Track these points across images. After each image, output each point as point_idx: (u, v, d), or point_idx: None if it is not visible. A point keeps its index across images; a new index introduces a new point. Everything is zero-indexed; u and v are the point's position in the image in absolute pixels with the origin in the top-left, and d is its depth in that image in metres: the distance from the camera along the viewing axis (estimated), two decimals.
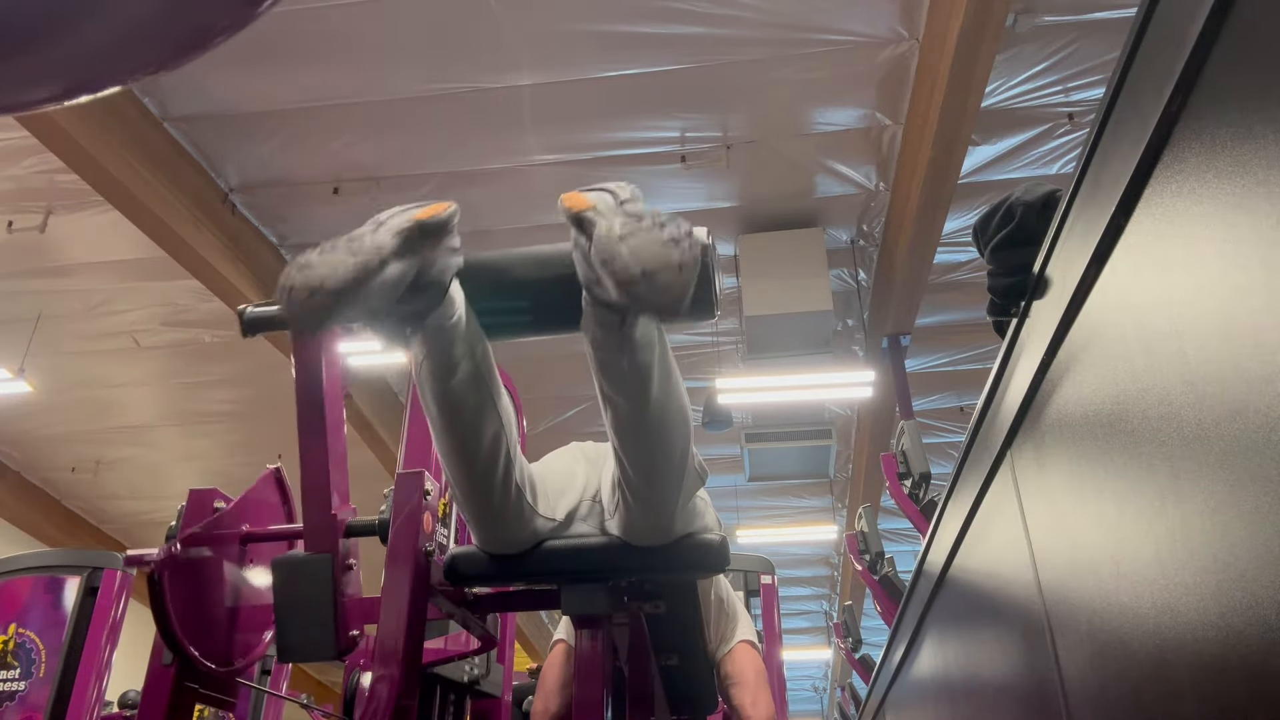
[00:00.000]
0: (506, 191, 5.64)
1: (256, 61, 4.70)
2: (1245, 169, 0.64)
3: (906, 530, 8.23)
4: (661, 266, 1.13)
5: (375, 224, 1.25)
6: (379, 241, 1.20)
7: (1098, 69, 4.85)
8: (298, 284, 1.13)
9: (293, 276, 1.14)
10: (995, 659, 1.51)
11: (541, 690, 2.10)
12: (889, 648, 3.10)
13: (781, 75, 4.91)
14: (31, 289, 6.36)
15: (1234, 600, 0.68)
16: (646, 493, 1.43)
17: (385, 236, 1.22)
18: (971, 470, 1.53)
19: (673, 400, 1.36)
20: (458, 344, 1.35)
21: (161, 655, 1.50)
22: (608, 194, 1.32)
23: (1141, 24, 0.81)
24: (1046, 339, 1.08)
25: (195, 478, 7.34)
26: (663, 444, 1.38)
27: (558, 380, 6.76)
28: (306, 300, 1.12)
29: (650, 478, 1.41)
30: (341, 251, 1.17)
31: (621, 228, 1.18)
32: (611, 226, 1.19)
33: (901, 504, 5.08)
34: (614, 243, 1.16)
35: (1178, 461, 0.77)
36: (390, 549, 1.55)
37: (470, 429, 1.39)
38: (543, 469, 1.68)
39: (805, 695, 15.84)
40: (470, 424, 1.39)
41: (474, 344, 1.38)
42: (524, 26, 4.59)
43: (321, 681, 12.10)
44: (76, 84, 0.68)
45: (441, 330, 1.33)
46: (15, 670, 3.56)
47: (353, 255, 1.17)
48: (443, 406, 1.38)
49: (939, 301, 6.53)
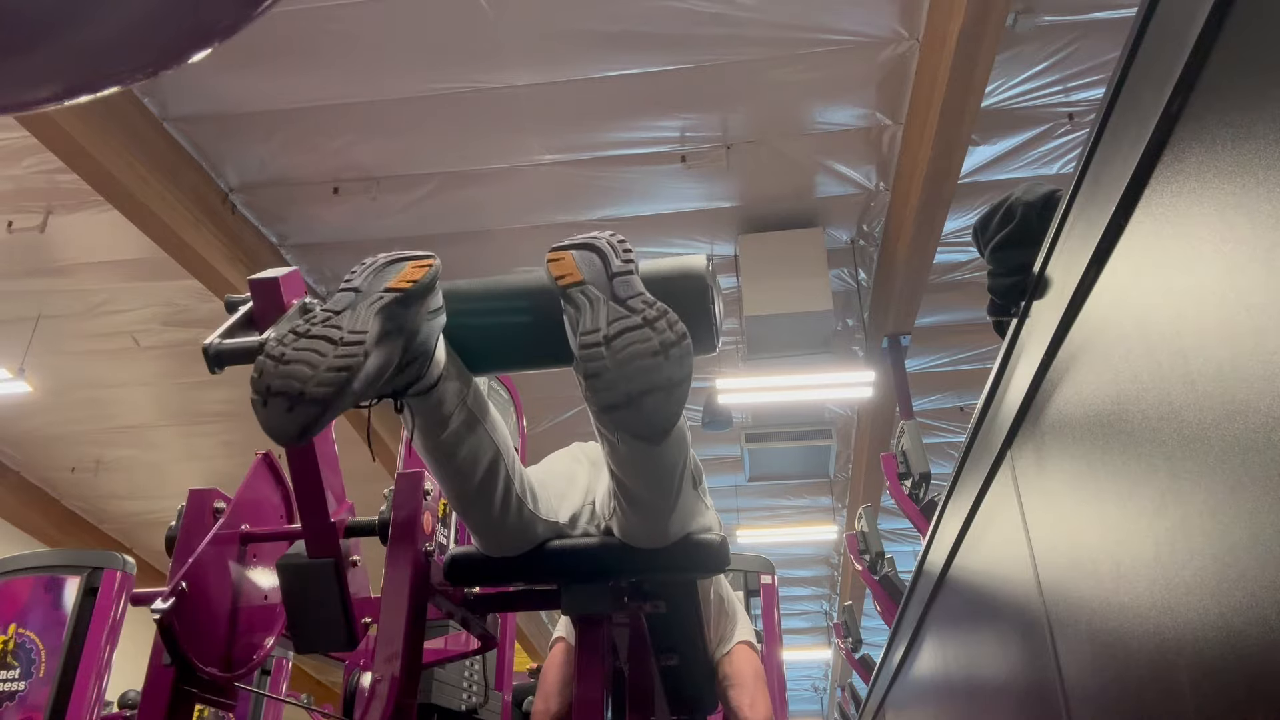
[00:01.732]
0: (506, 191, 5.64)
1: (257, 61, 4.69)
2: (1245, 169, 0.64)
3: (906, 530, 8.23)
4: (649, 388, 1.07)
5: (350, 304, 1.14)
6: (359, 328, 1.10)
7: (1098, 69, 4.85)
8: (276, 389, 1.03)
9: (270, 378, 1.04)
10: (995, 659, 1.51)
11: (542, 690, 2.10)
12: (889, 648, 3.10)
13: (781, 75, 4.91)
14: (31, 289, 6.36)
15: (1234, 600, 0.68)
16: (643, 506, 1.42)
17: (366, 318, 1.11)
18: (971, 470, 1.53)
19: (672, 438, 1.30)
20: (446, 402, 1.29)
21: (161, 655, 1.50)
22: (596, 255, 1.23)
23: (1141, 24, 0.81)
24: (1046, 339, 1.08)
25: (195, 478, 7.32)
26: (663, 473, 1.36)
27: (558, 380, 6.73)
28: (287, 414, 1.02)
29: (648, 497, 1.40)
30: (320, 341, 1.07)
31: (608, 325, 1.12)
32: (598, 323, 1.12)
33: (901, 504, 5.08)
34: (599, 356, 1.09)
35: (1178, 461, 0.77)
36: (390, 549, 1.55)
37: (466, 465, 1.36)
38: (544, 471, 1.68)
39: (805, 695, 15.84)
40: (466, 461, 1.36)
41: (463, 393, 1.33)
42: (524, 26, 4.58)
43: (321, 681, 12.10)
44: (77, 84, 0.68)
45: (428, 397, 1.27)
46: (15, 670, 3.56)
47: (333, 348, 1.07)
48: (436, 456, 1.35)
49: (939, 301, 6.53)
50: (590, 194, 5.71)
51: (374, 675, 1.46)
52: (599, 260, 1.22)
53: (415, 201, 5.72)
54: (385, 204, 5.71)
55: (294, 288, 1.40)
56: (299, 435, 1.04)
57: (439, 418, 1.30)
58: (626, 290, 1.17)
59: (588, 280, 1.19)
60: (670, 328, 1.12)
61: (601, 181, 5.61)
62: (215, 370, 1.29)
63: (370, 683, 1.49)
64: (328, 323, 1.10)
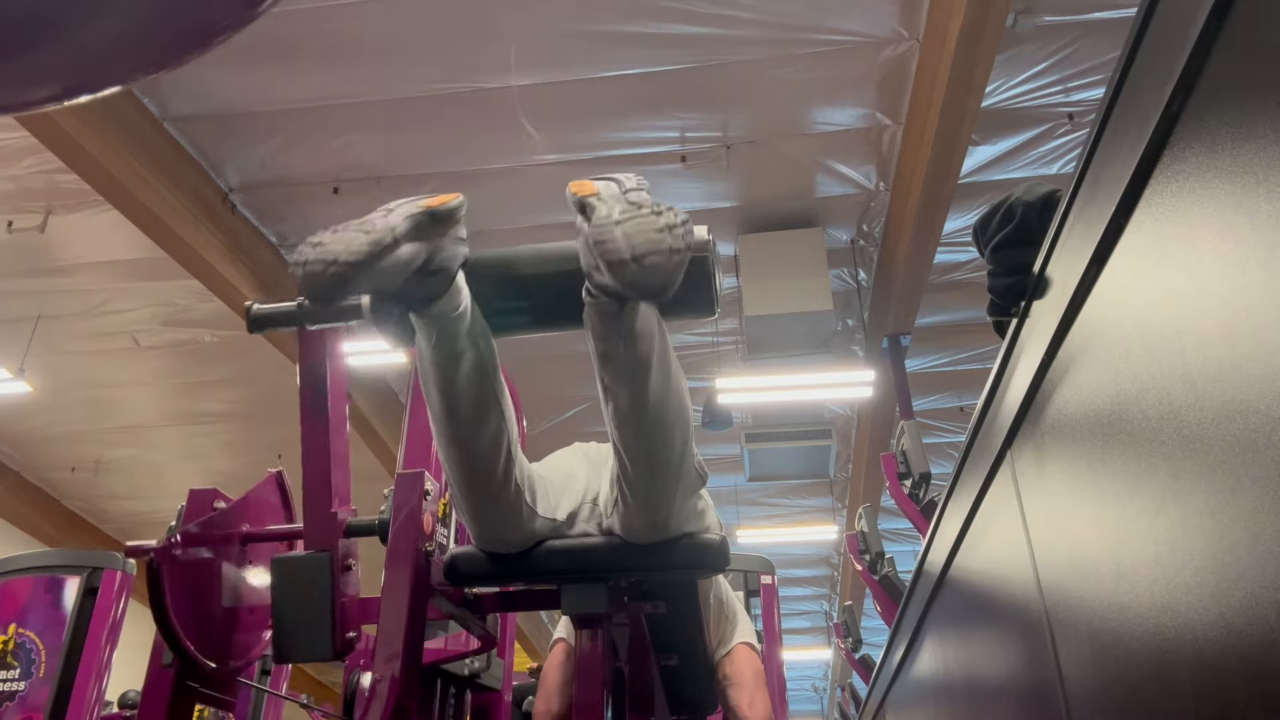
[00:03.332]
0: (506, 191, 5.64)
1: (256, 61, 4.69)
2: (1245, 169, 0.64)
3: (906, 530, 8.23)
4: (652, 250, 1.17)
5: (385, 210, 1.29)
6: (391, 223, 1.25)
7: (1098, 69, 4.85)
8: (313, 258, 1.17)
9: (307, 253, 1.18)
10: (995, 659, 1.51)
11: (542, 690, 2.10)
12: (889, 648, 3.10)
13: (781, 75, 4.91)
14: (31, 289, 6.36)
15: (1234, 600, 0.68)
16: (644, 488, 1.43)
17: (397, 219, 1.26)
18: (971, 470, 1.53)
19: (672, 394, 1.37)
20: (462, 336, 1.37)
21: (161, 655, 1.50)
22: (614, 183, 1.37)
23: (1141, 24, 0.81)
24: (1046, 339, 1.08)
25: (195, 478, 7.34)
26: (661, 437, 1.39)
27: (558, 380, 6.76)
28: (323, 272, 1.16)
29: (648, 472, 1.41)
30: (354, 230, 1.22)
31: (620, 213, 1.23)
32: (610, 211, 1.24)
33: (901, 504, 5.08)
34: (609, 226, 1.21)
35: (1178, 461, 0.77)
36: (390, 549, 1.55)
37: (472, 422, 1.40)
38: (544, 469, 1.68)
39: (805, 695, 15.84)
40: (472, 417, 1.40)
41: (478, 338, 1.40)
42: (524, 26, 4.58)
43: (321, 681, 12.10)
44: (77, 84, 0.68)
45: (447, 320, 1.35)
46: (15, 670, 3.56)
47: (365, 234, 1.21)
48: (446, 398, 1.39)
49: (939, 301, 6.53)
50: None
51: (374, 675, 1.46)
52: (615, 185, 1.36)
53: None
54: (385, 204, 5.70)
55: None
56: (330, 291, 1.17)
57: (453, 351, 1.37)
58: (638, 199, 1.28)
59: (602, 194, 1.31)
60: (674, 217, 1.22)
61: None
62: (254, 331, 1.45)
63: (370, 683, 1.49)
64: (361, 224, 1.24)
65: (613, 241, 1.19)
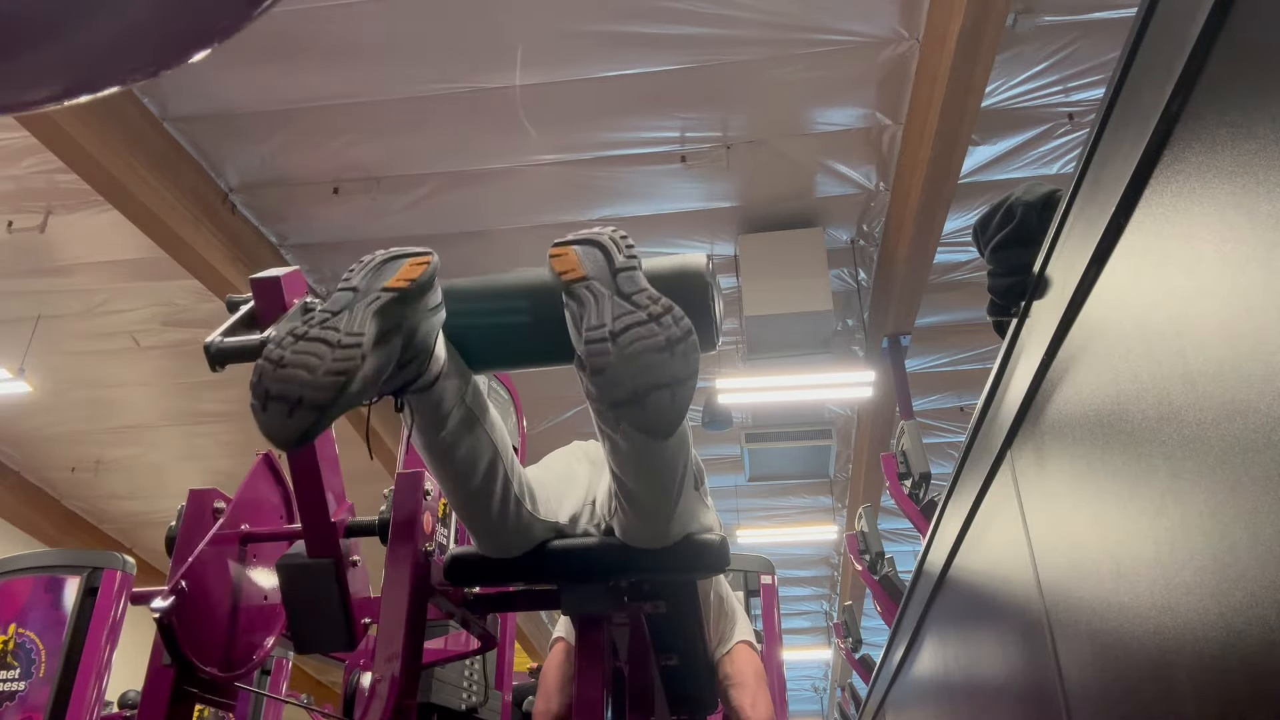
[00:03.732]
0: (506, 191, 5.64)
1: (256, 61, 4.69)
2: (1245, 169, 0.64)
3: (906, 530, 8.22)
4: (654, 385, 1.06)
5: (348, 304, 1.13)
6: (357, 329, 1.08)
7: (1098, 69, 4.85)
8: (274, 393, 1.03)
9: (269, 382, 1.04)
10: (995, 659, 1.51)
11: (542, 690, 2.10)
12: (889, 648, 3.10)
13: (781, 75, 4.91)
14: (31, 289, 6.35)
15: (1234, 600, 0.68)
16: (644, 506, 1.42)
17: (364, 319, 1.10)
18: (971, 470, 1.53)
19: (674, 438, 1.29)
20: (446, 400, 1.29)
21: (161, 655, 1.50)
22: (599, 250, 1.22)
23: (1141, 24, 0.81)
24: (1046, 339, 1.08)
25: (195, 478, 7.33)
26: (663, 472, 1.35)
27: (558, 380, 6.73)
28: (287, 420, 1.02)
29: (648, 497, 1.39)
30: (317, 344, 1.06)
31: (613, 320, 1.11)
32: (603, 317, 1.12)
33: (901, 504, 5.08)
34: (604, 345, 1.09)
35: (1178, 461, 0.77)
36: (390, 549, 1.55)
37: (464, 465, 1.36)
38: (543, 471, 1.68)
39: (805, 695, 15.84)
40: (464, 460, 1.35)
41: (462, 390, 1.32)
42: (524, 26, 4.58)
43: (321, 682, 12.10)
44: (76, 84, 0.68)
45: (428, 394, 1.26)
46: (15, 670, 3.56)
47: (330, 350, 1.05)
48: (435, 454, 1.34)
49: (939, 301, 6.53)
50: (590, 194, 5.72)
51: (374, 675, 1.46)
52: (602, 256, 1.21)
53: (415, 201, 5.72)
54: (385, 204, 5.71)
55: (295, 287, 1.40)
56: (298, 440, 1.03)
57: (438, 416, 1.29)
58: (631, 286, 1.16)
59: (591, 276, 1.18)
60: (676, 323, 1.11)
61: (601, 181, 5.61)
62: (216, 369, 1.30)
63: (370, 683, 1.49)
64: (325, 324, 1.09)
65: (610, 370, 1.07)
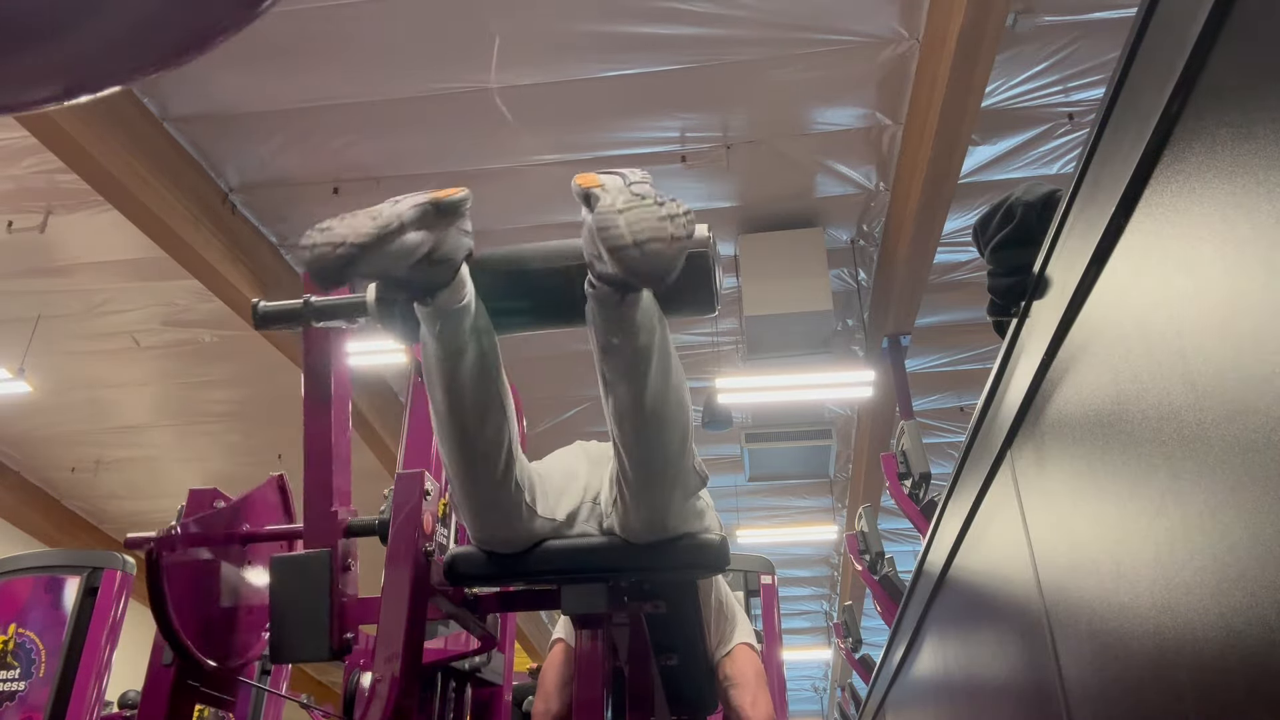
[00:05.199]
0: (506, 191, 5.64)
1: (256, 61, 4.69)
2: (1245, 169, 0.64)
3: (906, 530, 8.22)
4: (654, 237, 1.20)
5: (393, 201, 1.32)
6: (398, 211, 1.28)
7: (1098, 69, 4.85)
8: (320, 240, 1.22)
9: (314, 237, 1.23)
10: (995, 659, 1.51)
11: (542, 690, 2.10)
12: (889, 648, 3.10)
13: (781, 75, 4.91)
14: (31, 289, 6.35)
15: (1234, 600, 0.68)
16: (642, 485, 1.43)
17: (404, 208, 1.29)
18: (971, 470, 1.53)
19: (671, 391, 1.39)
20: (466, 330, 1.39)
21: (161, 655, 1.50)
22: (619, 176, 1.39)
23: (1141, 24, 0.81)
24: (1046, 339, 1.08)
25: (195, 478, 7.33)
26: (660, 433, 1.40)
27: (558, 380, 6.75)
28: (330, 253, 1.21)
29: (647, 468, 1.42)
30: (362, 217, 1.26)
31: (623, 203, 1.25)
32: (614, 201, 1.27)
33: (901, 504, 5.08)
34: (612, 214, 1.24)
35: (1178, 461, 0.77)
36: (390, 549, 1.55)
37: (474, 419, 1.41)
38: (544, 469, 1.68)
39: (805, 695, 15.84)
40: (475, 414, 1.41)
41: (482, 335, 1.42)
42: (524, 26, 4.58)
43: (321, 681, 12.10)
44: (77, 84, 0.68)
45: (451, 313, 1.37)
46: (15, 670, 3.56)
47: (372, 219, 1.25)
48: (450, 393, 1.40)
49: (939, 301, 6.53)
50: None
51: (374, 675, 1.46)
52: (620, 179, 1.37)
53: None
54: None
55: None
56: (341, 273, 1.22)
57: (457, 345, 1.38)
58: (641, 190, 1.31)
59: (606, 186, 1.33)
60: (676, 208, 1.25)
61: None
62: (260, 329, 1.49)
63: (370, 683, 1.49)
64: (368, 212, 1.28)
65: (615, 228, 1.22)
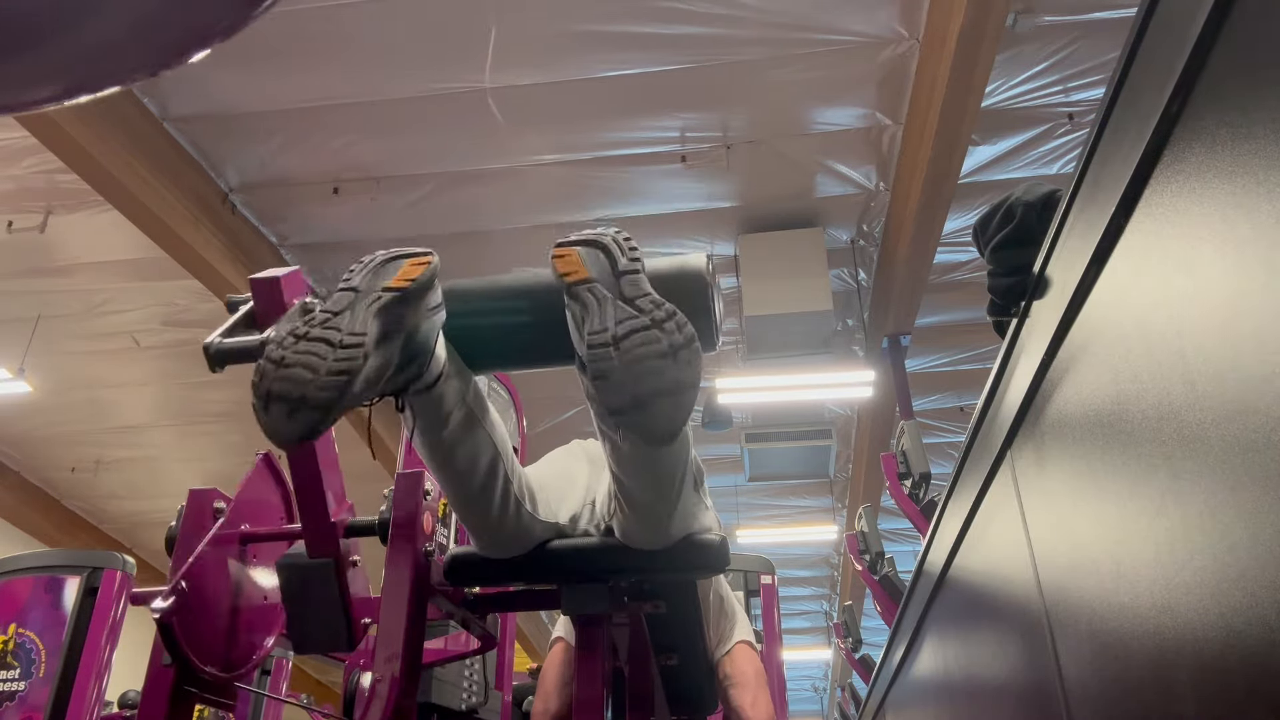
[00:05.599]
0: (506, 191, 5.64)
1: (256, 61, 4.69)
2: (1245, 169, 0.64)
3: (906, 530, 8.22)
4: (657, 392, 1.05)
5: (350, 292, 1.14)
6: (359, 329, 1.08)
7: (1098, 69, 4.85)
8: (276, 393, 1.03)
9: (270, 382, 1.04)
10: (995, 659, 1.51)
11: (541, 690, 2.10)
12: (889, 648, 3.10)
13: (781, 75, 4.91)
14: (31, 289, 6.35)
15: (1234, 600, 0.68)
16: (644, 507, 1.41)
17: (365, 319, 1.10)
18: (971, 470, 1.53)
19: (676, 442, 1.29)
20: (446, 400, 1.28)
21: (161, 655, 1.50)
22: (601, 252, 1.21)
23: (1141, 24, 0.81)
24: (1046, 339, 1.08)
25: (195, 478, 7.31)
26: (664, 474, 1.35)
27: (558, 380, 6.74)
28: (288, 420, 1.02)
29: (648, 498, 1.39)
30: (319, 344, 1.06)
31: (616, 324, 1.10)
32: (605, 321, 1.11)
33: (901, 504, 5.08)
34: (606, 350, 1.08)
35: (1178, 461, 0.77)
36: (390, 549, 1.55)
37: (465, 465, 1.36)
38: (543, 471, 1.68)
39: (805, 695, 15.84)
40: (465, 461, 1.35)
41: (463, 391, 1.31)
42: (524, 27, 4.58)
43: (321, 681, 12.10)
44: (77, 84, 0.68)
45: (429, 395, 1.26)
46: (15, 670, 3.56)
47: (332, 350, 1.05)
48: (436, 455, 1.34)
49: (939, 301, 6.53)
50: (590, 194, 5.72)
51: (374, 675, 1.46)
52: (605, 258, 1.20)
53: (415, 201, 5.72)
54: (385, 204, 5.70)
55: (295, 287, 1.40)
56: (300, 439, 1.03)
57: (439, 416, 1.29)
58: (634, 290, 1.16)
59: (594, 278, 1.17)
60: (679, 329, 1.11)
61: (601, 181, 5.61)
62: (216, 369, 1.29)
63: (370, 683, 1.49)
64: (326, 324, 1.09)
65: (612, 376, 1.06)
